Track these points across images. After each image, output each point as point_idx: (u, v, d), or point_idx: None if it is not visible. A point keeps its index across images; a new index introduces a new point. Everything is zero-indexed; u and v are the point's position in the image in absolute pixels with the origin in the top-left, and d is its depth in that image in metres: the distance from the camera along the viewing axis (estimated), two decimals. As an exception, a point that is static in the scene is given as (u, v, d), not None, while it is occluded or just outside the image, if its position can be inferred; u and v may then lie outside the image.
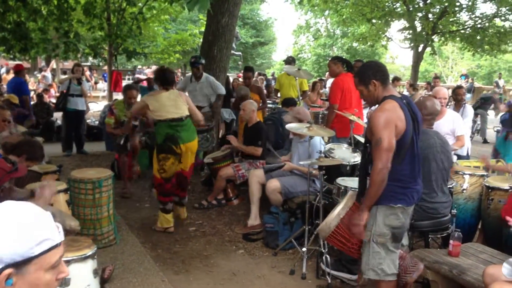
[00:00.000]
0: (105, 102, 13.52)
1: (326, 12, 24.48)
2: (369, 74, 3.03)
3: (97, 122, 10.98)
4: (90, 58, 15.79)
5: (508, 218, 3.40)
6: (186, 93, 7.15)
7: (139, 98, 6.65)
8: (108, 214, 4.50)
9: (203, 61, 6.98)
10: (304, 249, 4.26)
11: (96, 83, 24.00)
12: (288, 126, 4.74)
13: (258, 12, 37.97)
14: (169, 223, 5.10)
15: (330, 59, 6.78)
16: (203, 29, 9.33)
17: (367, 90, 3.05)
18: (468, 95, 20.00)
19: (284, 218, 4.88)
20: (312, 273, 4.17)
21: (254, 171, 5.43)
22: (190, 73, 7.33)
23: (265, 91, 9.44)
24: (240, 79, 13.61)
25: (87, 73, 20.08)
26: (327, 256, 4.00)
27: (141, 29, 12.63)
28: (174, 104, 4.98)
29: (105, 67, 15.89)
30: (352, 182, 4.40)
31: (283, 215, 4.92)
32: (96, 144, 9.62)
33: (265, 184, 5.16)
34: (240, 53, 21.35)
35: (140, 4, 12.77)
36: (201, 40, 8.78)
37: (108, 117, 6.35)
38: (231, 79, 11.25)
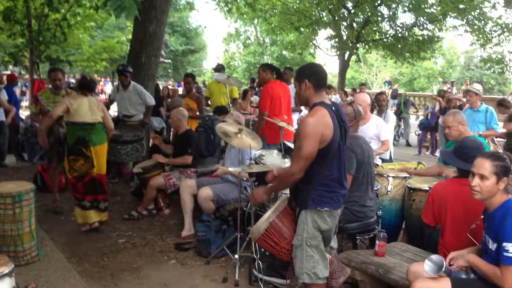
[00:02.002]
0: (27, 112, 12.87)
1: (255, 21, 24.83)
2: (305, 73, 3.11)
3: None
4: (11, 67, 14.99)
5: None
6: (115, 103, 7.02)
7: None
8: (30, 229, 4.26)
9: (131, 69, 6.84)
10: (236, 256, 4.26)
11: (17, 92, 22.82)
12: (218, 126, 4.72)
13: (187, 19, 37.74)
14: (86, 219, 5.18)
15: (259, 66, 6.85)
16: (130, 36, 9.15)
17: (299, 87, 3.14)
18: (394, 101, 20.89)
19: (216, 226, 4.86)
20: (245, 280, 4.17)
21: (185, 181, 5.37)
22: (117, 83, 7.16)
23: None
24: (170, 87, 13.49)
25: (7, 82, 19.06)
26: (260, 262, 4.01)
27: (66, 36, 12.15)
28: (91, 110, 5.20)
29: (27, 76, 15.15)
30: (282, 188, 4.45)
31: (215, 222, 4.89)
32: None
33: (197, 194, 5.12)
34: (170, 61, 21.12)
35: (63, 10, 12.29)
36: (129, 47, 8.60)
37: (34, 107, 6.15)
38: (160, 87, 11.10)
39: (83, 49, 16.29)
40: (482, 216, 2.99)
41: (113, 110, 7.79)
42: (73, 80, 20.05)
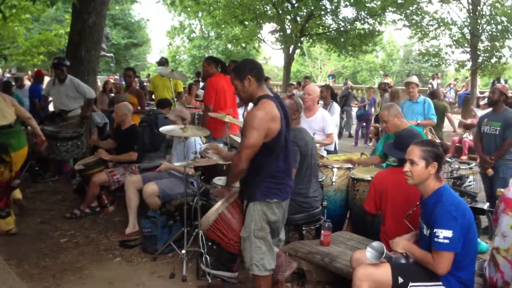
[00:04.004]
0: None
1: (200, 14, 24.57)
2: (245, 69, 3.11)
3: None
4: None
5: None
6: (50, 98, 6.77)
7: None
8: (-36, 232, 4.05)
9: (68, 63, 6.61)
10: (183, 251, 4.22)
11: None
12: (162, 129, 4.65)
13: (129, 12, 36.85)
14: (9, 225, 4.91)
15: (204, 59, 6.79)
16: (69, 29, 8.84)
17: (241, 85, 3.12)
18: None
19: (162, 222, 4.77)
20: (192, 275, 4.13)
21: (130, 177, 5.26)
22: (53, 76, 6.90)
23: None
24: (112, 80, 13.16)
25: None
26: (207, 256, 3.99)
27: (-1, 29, 11.60)
28: (1, 110, 4.95)
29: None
30: (228, 181, 4.44)
31: (161, 218, 4.81)
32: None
33: (142, 189, 5.02)
34: (112, 54, 20.50)
35: (-4, 2, 11.68)
36: (68, 40, 8.30)
37: None
38: (98, 82, 10.84)
39: (18, 42, 15.60)
40: (418, 203, 3.11)
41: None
42: (8, 75, 19.19)
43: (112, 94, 10.40)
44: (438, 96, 9.23)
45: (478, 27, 14.73)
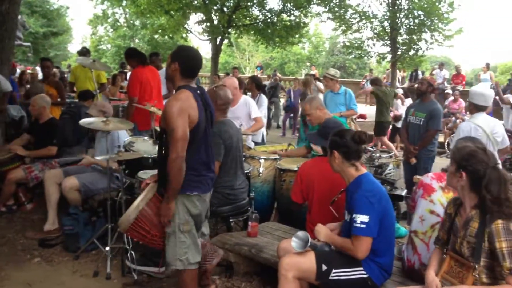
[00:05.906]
0: None
1: (124, 2, 23.86)
2: (177, 56, 3.06)
3: None
4: None
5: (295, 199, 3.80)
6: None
7: None
8: None
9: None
10: (107, 248, 4.08)
11: None
12: (82, 121, 4.45)
13: (47, -1, 35.05)
14: None
15: (124, 52, 6.62)
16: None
17: (168, 64, 3.09)
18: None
19: (85, 218, 4.59)
20: (117, 272, 4.01)
21: (49, 171, 5.02)
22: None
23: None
24: (29, 71, 12.50)
25: None
26: (132, 252, 3.89)
27: None
28: None
29: None
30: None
31: (84, 215, 4.62)
32: None
33: (63, 183, 4.80)
34: (29, 44, 19.41)
35: None
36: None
37: None
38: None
39: None
40: (343, 190, 3.20)
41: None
42: None
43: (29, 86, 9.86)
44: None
45: (397, 20, 15.39)
